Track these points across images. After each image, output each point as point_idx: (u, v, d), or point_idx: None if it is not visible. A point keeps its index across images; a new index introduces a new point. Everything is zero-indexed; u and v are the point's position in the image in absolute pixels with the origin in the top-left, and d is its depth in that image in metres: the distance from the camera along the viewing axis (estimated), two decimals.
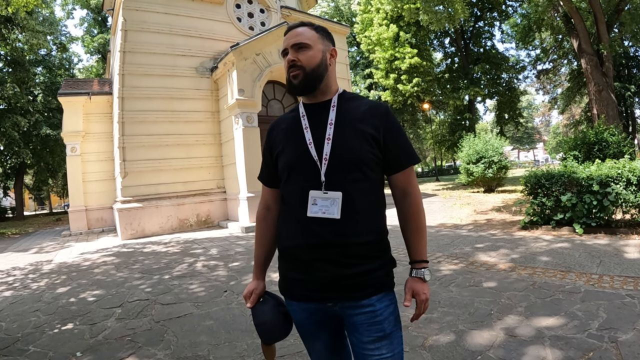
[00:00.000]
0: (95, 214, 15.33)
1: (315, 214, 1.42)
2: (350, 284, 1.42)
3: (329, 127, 1.48)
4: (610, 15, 18.81)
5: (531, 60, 31.87)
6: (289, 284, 1.55)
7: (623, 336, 3.04)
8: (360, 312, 1.44)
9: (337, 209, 1.40)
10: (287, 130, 1.58)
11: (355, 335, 1.47)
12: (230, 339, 3.64)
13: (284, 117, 1.65)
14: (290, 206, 1.53)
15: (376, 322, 1.43)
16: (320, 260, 1.42)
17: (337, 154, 1.44)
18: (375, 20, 27.09)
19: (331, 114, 1.51)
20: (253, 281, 1.69)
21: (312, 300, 1.48)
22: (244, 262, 6.99)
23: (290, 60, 1.50)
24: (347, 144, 1.44)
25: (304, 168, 1.47)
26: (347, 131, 1.47)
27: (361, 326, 1.44)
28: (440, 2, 18.33)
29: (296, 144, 1.51)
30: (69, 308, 5.03)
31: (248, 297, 1.65)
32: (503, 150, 15.98)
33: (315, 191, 1.44)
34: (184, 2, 13.00)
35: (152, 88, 12.29)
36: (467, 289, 4.53)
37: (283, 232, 1.56)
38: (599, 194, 6.68)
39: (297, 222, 1.48)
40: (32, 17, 22.77)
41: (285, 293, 1.58)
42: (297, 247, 1.48)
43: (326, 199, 1.42)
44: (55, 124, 26.31)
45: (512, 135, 51.70)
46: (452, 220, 10.28)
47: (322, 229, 1.41)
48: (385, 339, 1.44)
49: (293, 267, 1.51)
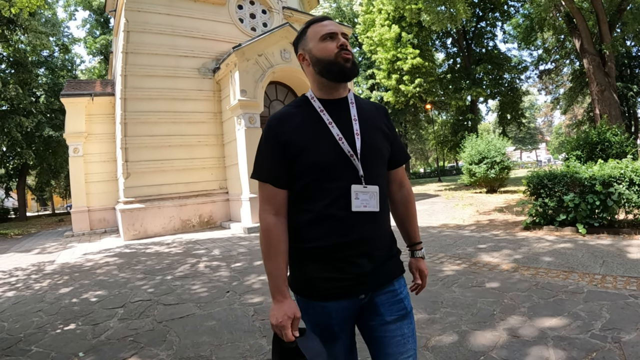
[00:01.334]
0: (98, 214, 15.36)
1: (358, 208, 1.43)
2: (382, 271, 1.50)
3: (354, 122, 1.50)
4: (612, 15, 18.75)
5: (533, 60, 31.83)
6: (317, 284, 1.46)
7: (626, 336, 3.03)
8: (383, 292, 1.52)
9: (376, 201, 1.47)
10: (306, 126, 1.48)
11: (375, 319, 1.50)
12: (233, 340, 3.64)
13: (289, 114, 1.53)
14: (323, 205, 1.44)
15: (397, 301, 1.53)
16: (357, 256, 1.44)
17: (369, 149, 1.49)
18: (377, 21, 27.09)
19: (352, 110, 1.53)
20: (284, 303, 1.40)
21: (344, 297, 1.46)
22: (246, 262, 6.99)
23: (345, 44, 1.50)
24: (373, 140, 1.52)
25: (338, 165, 1.44)
26: (370, 127, 1.54)
27: (383, 306, 1.50)
28: (442, 2, 18.32)
29: (324, 140, 1.45)
30: (71, 308, 5.03)
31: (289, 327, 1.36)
32: (505, 151, 15.95)
33: (356, 185, 1.44)
34: (186, 3, 13.03)
35: (155, 89, 12.32)
36: (469, 290, 4.52)
37: (312, 233, 1.46)
38: (601, 194, 6.66)
39: (334, 220, 1.43)
40: (35, 19, 22.87)
41: (310, 295, 1.48)
42: (333, 246, 1.43)
43: (366, 193, 1.45)
44: (57, 125, 26.36)
45: (515, 136, 51.65)
46: (454, 220, 10.26)
47: (363, 224, 1.45)
48: (406, 317, 1.52)
49: (324, 267, 1.45)
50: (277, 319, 1.36)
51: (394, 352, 1.47)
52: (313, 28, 1.54)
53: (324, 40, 1.50)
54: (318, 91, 1.55)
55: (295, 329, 1.38)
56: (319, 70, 1.51)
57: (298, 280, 1.52)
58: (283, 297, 1.41)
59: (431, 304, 4.08)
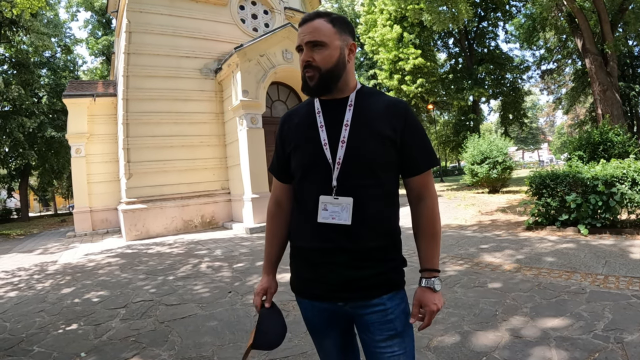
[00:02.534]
0: (100, 215, 15.38)
1: (325, 220, 1.37)
2: (363, 285, 1.40)
3: (344, 128, 1.41)
4: (614, 15, 18.71)
5: (535, 60, 31.79)
6: (301, 282, 1.53)
7: (629, 337, 3.02)
8: (372, 311, 1.42)
9: (348, 214, 1.36)
10: (300, 127, 1.50)
11: (367, 334, 1.45)
12: (235, 340, 3.64)
13: (297, 111, 1.56)
14: (302, 207, 1.48)
15: (387, 321, 1.41)
16: (332, 264, 1.39)
17: (351, 158, 1.38)
18: (379, 21, 27.07)
19: (347, 114, 1.43)
20: (265, 277, 1.63)
21: (323, 299, 1.46)
22: (249, 263, 6.99)
23: (305, 61, 1.40)
24: (363, 148, 1.38)
25: (317, 170, 1.42)
26: (364, 133, 1.40)
27: (372, 325, 1.42)
28: (444, 2, 18.31)
29: (310, 143, 1.44)
30: (73, 309, 5.04)
31: (261, 295, 1.59)
32: (507, 151, 15.92)
33: (325, 196, 1.38)
34: (187, 4, 13.04)
35: (157, 89, 12.34)
36: (472, 290, 4.51)
37: (296, 232, 1.54)
38: (604, 194, 6.65)
39: (309, 225, 1.43)
40: (37, 20, 22.89)
41: (297, 291, 1.57)
42: (309, 250, 1.46)
43: (337, 205, 1.37)
44: (60, 125, 26.39)
45: (517, 136, 51.52)
46: (456, 221, 10.25)
47: (334, 235, 1.38)
48: (397, 337, 1.42)
49: (305, 267, 1.49)
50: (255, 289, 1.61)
51: None
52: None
53: (298, 52, 1.45)
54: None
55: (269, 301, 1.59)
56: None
57: (291, 274, 1.58)
58: (266, 274, 1.64)
59: None
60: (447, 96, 29.25)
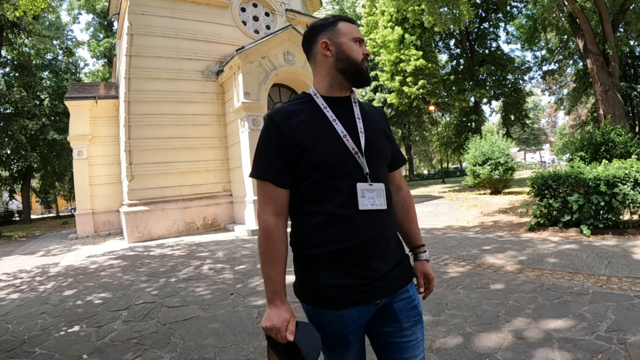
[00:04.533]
0: (102, 217, 15.42)
1: (365, 207, 1.39)
2: (395, 275, 1.46)
3: (357, 121, 1.48)
4: (615, 15, 18.68)
5: (537, 61, 31.73)
6: (330, 293, 1.38)
7: (632, 338, 3.00)
8: (400, 299, 1.48)
9: (384, 199, 1.44)
10: (310, 123, 1.43)
11: (392, 326, 1.47)
12: (237, 342, 3.64)
13: (295, 108, 1.48)
14: (332, 205, 1.38)
15: (413, 307, 1.50)
16: (371, 258, 1.39)
17: (372, 147, 1.47)
18: (380, 23, 27.07)
19: (356, 109, 1.52)
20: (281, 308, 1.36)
21: (360, 302, 1.39)
22: (250, 265, 6.99)
23: (368, 54, 1.53)
24: (376, 139, 1.50)
25: (343, 162, 1.40)
26: (373, 127, 1.52)
27: (401, 313, 1.47)
28: (445, 3, 18.31)
29: (329, 137, 1.41)
30: (75, 310, 5.05)
31: (284, 330, 1.31)
32: (509, 152, 15.92)
33: (361, 184, 1.40)
34: (189, 6, 13.08)
35: (158, 92, 12.37)
36: (474, 291, 4.50)
37: (322, 237, 1.38)
38: (606, 194, 6.63)
39: (345, 221, 1.37)
40: (39, 22, 22.92)
41: (322, 303, 1.40)
42: (346, 249, 1.36)
43: (372, 191, 1.41)
44: (62, 127, 26.47)
45: (519, 137, 51.46)
46: (458, 222, 10.24)
47: (372, 223, 1.40)
48: (420, 322, 1.51)
49: (337, 274, 1.37)
50: (272, 322, 1.32)
51: (409, 356, 1.46)
52: (345, 25, 1.51)
53: (355, 42, 1.51)
54: (326, 87, 1.51)
55: (292, 332, 1.32)
56: (342, 66, 1.48)
57: (307, 289, 1.43)
58: (281, 303, 1.36)
59: (436, 305, 4.07)
60: (448, 97, 29.22)
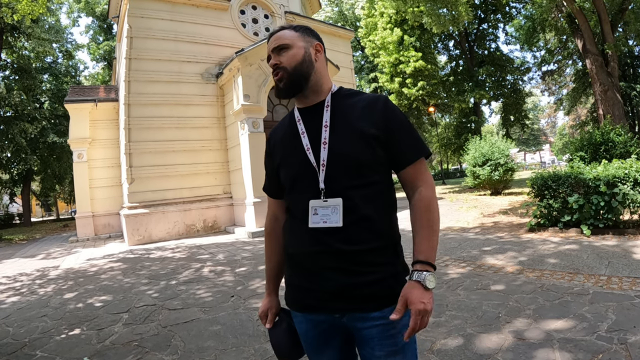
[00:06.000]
0: (102, 220, 15.41)
1: (317, 224, 1.34)
2: (360, 293, 1.32)
3: (323, 130, 1.39)
4: (614, 15, 18.71)
5: (536, 61, 31.84)
6: (295, 294, 1.46)
7: (632, 337, 3.00)
8: (372, 325, 1.33)
9: (339, 216, 1.31)
10: (283, 139, 1.51)
11: (366, 350, 1.38)
12: (238, 344, 3.64)
13: (280, 125, 1.58)
14: (294, 216, 1.45)
15: (389, 336, 1.33)
16: (328, 269, 1.33)
17: (336, 159, 1.35)
18: (380, 24, 27.13)
19: (325, 116, 1.42)
20: (266, 298, 1.62)
21: (318, 310, 1.39)
22: (251, 267, 6.99)
23: (273, 65, 1.44)
24: (345, 147, 1.35)
25: (304, 177, 1.39)
26: (345, 133, 1.37)
27: (372, 340, 1.34)
28: (444, 4, 18.32)
29: (295, 152, 1.43)
30: (76, 313, 5.05)
31: (264, 317, 1.59)
32: (509, 153, 15.93)
33: (314, 200, 1.36)
34: (188, 9, 13.09)
35: (158, 94, 12.37)
36: (474, 292, 4.50)
37: (289, 240, 1.47)
38: (606, 194, 6.64)
39: (301, 232, 1.39)
40: (38, 25, 23.01)
41: (291, 303, 1.49)
42: (302, 255, 1.40)
43: (326, 207, 1.34)
44: (62, 131, 26.51)
45: (518, 137, 51.43)
46: (459, 223, 10.24)
47: (327, 237, 1.33)
48: (400, 353, 1.34)
49: (299, 276, 1.43)
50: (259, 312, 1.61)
51: None
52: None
53: (268, 61, 1.49)
54: (296, 100, 1.51)
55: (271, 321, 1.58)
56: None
57: (285, 287, 1.54)
58: (268, 294, 1.64)
59: (436, 307, 4.06)
60: (448, 98, 29.22)
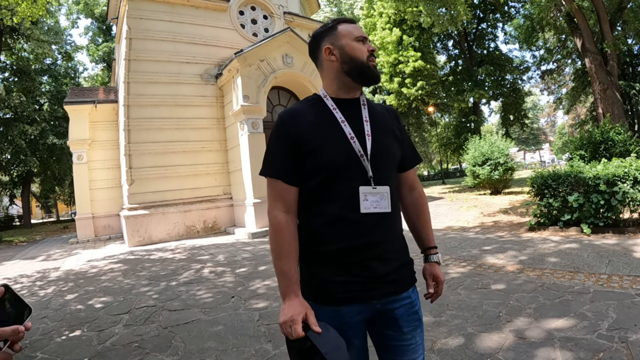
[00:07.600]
0: (102, 221, 15.41)
1: (368, 210, 1.41)
2: (394, 278, 1.46)
3: (365, 123, 1.49)
4: (613, 14, 18.69)
5: (535, 60, 31.77)
6: (330, 289, 1.42)
7: (633, 336, 3.01)
8: (401, 304, 1.48)
9: (388, 202, 1.45)
10: (319, 124, 1.46)
11: (393, 329, 1.48)
12: (238, 345, 3.63)
13: (302, 110, 1.51)
14: (336, 206, 1.42)
15: (414, 312, 1.51)
16: (370, 259, 1.42)
17: (379, 150, 1.47)
18: (379, 25, 27.15)
19: (364, 112, 1.53)
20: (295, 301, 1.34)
21: (357, 301, 1.41)
22: (251, 267, 6.99)
23: (372, 50, 1.52)
24: (384, 142, 1.50)
25: (351, 164, 1.43)
26: (381, 130, 1.52)
27: (402, 318, 1.48)
28: (442, 4, 18.32)
29: (336, 139, 1.44)
30: (76, 315, 5.05)
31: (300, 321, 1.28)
32: (509, 152, 15.92)
33: (365, 187, 1.42)
34: (187, 10, 13.10)
35: (158, 95, 12.37)
36: (475, 292, 4.50)
37: (326, 236, 1.43)
38: (606, 193, 6.64)
39: (347, 222, 1.41)
40: (37, 27, 23.02)
41: (322, 299, 1.42)
42: (346, 249, 1.40)
43: (376, 194, 1.43)
44: (61, 132, 26.49)
45: (518, 137, 51.44)
46: (459, 223, 10.24)
47: (374, 226, 1.42)
48: (420, 326, 1.53)
49: (338, 271, 1.42)
50: (286, 316, 1.29)
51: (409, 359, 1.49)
52: (345, 26, 1.53)
53: (357, 41, 1.51)
54: (335, 89, 1.53)
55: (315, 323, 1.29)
56: (347, 68, 1.49)
57: (309, 285, 1.44)
58: (295, 296, 1.36)
59: (437, 306, 4.06)
60: (447, 98, 29.25)
